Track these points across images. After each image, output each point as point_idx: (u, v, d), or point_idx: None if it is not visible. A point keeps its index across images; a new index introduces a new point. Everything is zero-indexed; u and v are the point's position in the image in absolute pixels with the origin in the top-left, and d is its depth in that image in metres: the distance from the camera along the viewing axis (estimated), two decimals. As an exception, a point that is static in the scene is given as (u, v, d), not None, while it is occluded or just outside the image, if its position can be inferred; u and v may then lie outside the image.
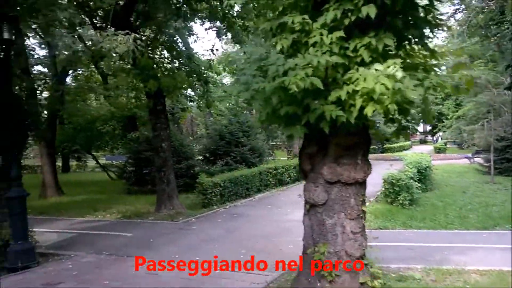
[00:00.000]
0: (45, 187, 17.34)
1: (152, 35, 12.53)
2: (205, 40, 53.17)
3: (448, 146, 51.09)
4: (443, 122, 79.08)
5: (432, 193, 14.50)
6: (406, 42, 4.63)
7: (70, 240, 9.54)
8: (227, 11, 11.35)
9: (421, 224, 9.99)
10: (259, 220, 11.04)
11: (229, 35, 12.78)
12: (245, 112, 20.02)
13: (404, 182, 12.81)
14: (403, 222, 10.22)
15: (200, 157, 19.20)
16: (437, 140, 70.52)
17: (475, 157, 27.07)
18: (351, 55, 4.16)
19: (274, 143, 24.61)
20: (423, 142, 75.62)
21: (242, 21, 12.67)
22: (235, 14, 12.03)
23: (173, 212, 12.24)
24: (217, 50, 13.49)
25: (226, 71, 19.09)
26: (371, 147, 27.47)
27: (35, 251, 7.64)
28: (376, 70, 3.75)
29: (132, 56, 7.47)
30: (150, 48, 11.79)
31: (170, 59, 12.51)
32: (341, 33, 4.00)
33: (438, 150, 46.34)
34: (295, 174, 19.53)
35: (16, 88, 9.18)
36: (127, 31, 6.35)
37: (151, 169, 18.02)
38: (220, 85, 21.33)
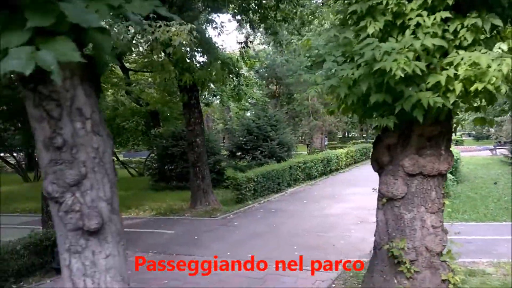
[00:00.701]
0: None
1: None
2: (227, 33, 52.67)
3: (463, 138, 50.35)
4: (458, 114, 77.92)
5: (463, 185, 14.07)
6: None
7: (112, 237, 9.39)
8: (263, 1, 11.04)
9: (465, 217, 9.68)
10: (299, 215, 10.78)
11: (262, 27, 12.46)
12: (269, 106, 19.77)
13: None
14: (448, 215, 9.84)
15: (226, 152, 18.99)
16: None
17: (498, 148, 26.56)
18: (451, 37, 3.86)
19: (295, 137, 24.34)
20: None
21: (275, 13, 12.35)
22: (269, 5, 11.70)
23: (209, 208, 12.05)
24: (251, 42, 13.18)
25: (247, 64, 18.70)
26: None
27: (85, 249, 7.48)
28: (500, 50, 3.44)
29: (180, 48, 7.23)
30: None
31: (202, 52, 12.22)
32: (446, 14, 3.70)
33: (456, 142, 45.64)
34: (322, 168, 19.25)
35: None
36: (182, 21, 6.10)
37: (176, 165, 18.03)
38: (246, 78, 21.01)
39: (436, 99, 3.83)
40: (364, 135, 50.26)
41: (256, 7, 11.61)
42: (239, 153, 18.54)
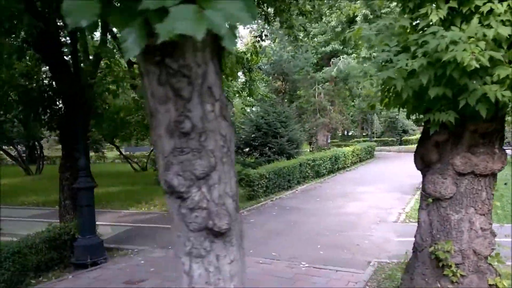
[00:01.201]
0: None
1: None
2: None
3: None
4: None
5: None
6: None
7: (127, 233, 9.15)
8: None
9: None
10: (316, 214, 10.56)
11: (278, 20, 12.15)
12: (274, 102, 19.49)
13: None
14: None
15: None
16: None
17: (506, 149, 26.42)
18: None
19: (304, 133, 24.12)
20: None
21: (289, 6, 12.07)
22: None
23: (221, 204, 11.80)
24: (266, 36, 12.89)
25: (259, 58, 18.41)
26: (390, 139, 27.00)
27: (104, 246, 7.23)
28: None
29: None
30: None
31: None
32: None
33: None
34: (330, 166, 19.04)
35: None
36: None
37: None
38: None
39: (505, 93, 3.59)
40: (364, 134, 50.14)
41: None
42: (246, 149, 18.28)
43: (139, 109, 22.27)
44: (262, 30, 13.12)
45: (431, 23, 3.82)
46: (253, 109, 25.84)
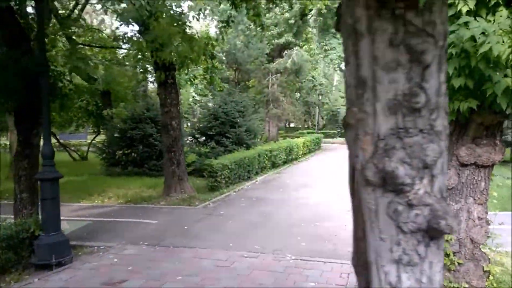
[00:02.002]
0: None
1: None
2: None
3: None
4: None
5: None
6: None
7: (87, 229, 8.37)
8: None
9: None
10: (285, 204, 10.45)
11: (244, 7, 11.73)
12: (231, 91, 19.04)
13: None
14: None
15: (188, 138, 18.07)
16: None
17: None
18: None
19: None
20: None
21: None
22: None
23: (185, 196, 11.29)
24: (233, 22, 12.41)
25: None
26: (332, 131, 27.91)
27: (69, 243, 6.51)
28: None
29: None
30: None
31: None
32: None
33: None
34: (285, 157, 19.13)
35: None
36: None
37: (135, 149, 16.78)
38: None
39: (527, 87, 3.64)
40: (306, 126, 51.31)
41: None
42: (202, 139, 17.74)
43: (84, 93, 20.80)
44: (229, 15, 12.63)
45: (457, 13, 3.74)
46: (207, 98, 25.21)
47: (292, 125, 52.39)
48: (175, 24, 9.94)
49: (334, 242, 7.28)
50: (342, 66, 52.83)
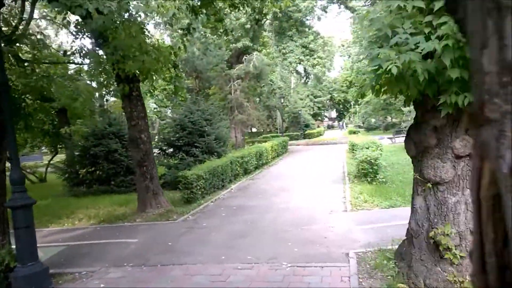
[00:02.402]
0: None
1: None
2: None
3: (359, 129, 54.87)
4: (347, 108, 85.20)
5: (387, 171, 14.76)
6: None
7: (63, 254, 7.78)
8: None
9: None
10: (267, 211, 10.28)
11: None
12: (196, 100, 18.68)
13: (379, 162, 13.21)
14: (405, 200, 10.28)
15: (156, 150, 17.46)
16: (343, 126, 75.73)
17: (396, 137, 29.73)
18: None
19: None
20: (330, 127, 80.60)
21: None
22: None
23: (161, 210, 10.85)
24: (194, 29, 12.12)
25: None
26: (295, 133, 28.17)
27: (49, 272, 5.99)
28: None
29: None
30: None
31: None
32: None
33: (353, 133, 49.54)
34: (256, 162, 19.01)
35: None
36: None
37: (100, 167, 16.00)
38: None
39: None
40: (268, 130, 51.58)
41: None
42: (170, 150, 17.24)
43: (43, 112, 19.65)
44: (190, 23, 12.35)
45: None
46: (165, 109, 24.61)
47: (253, 130, 52.47)
48: (137, 34, 9.54)
49: (326, 245, 7.20)
50: (298, 68, 53.48)
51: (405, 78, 4.22)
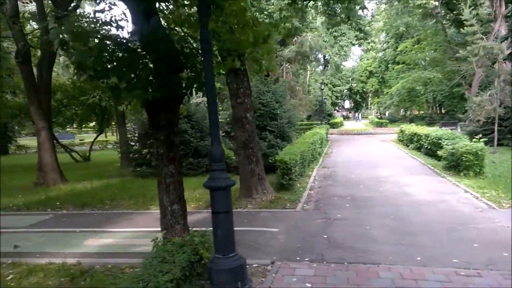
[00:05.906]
0: (45, 171, 13.35)
1: None
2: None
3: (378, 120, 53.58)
4: (365, 99, 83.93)
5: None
6: None
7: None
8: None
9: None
10: (396, 204, 9.18)
11: None
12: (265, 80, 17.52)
13: (485, 153, 12.26)
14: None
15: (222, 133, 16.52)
16: (358, 117, 74.66)
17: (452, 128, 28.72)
18: None
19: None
20: (345, 118, 79.43)
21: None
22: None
23: (269, 197, 10.01)
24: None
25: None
26: (318, 122, 26.39)
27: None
28: None
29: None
30: None
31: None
32: None
33: (381, 124, 48.43)
34: (320, 149, 18.15)
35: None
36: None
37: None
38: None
39: None
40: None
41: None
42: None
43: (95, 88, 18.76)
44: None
45: None
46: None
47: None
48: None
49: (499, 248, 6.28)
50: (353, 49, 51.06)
51: None
